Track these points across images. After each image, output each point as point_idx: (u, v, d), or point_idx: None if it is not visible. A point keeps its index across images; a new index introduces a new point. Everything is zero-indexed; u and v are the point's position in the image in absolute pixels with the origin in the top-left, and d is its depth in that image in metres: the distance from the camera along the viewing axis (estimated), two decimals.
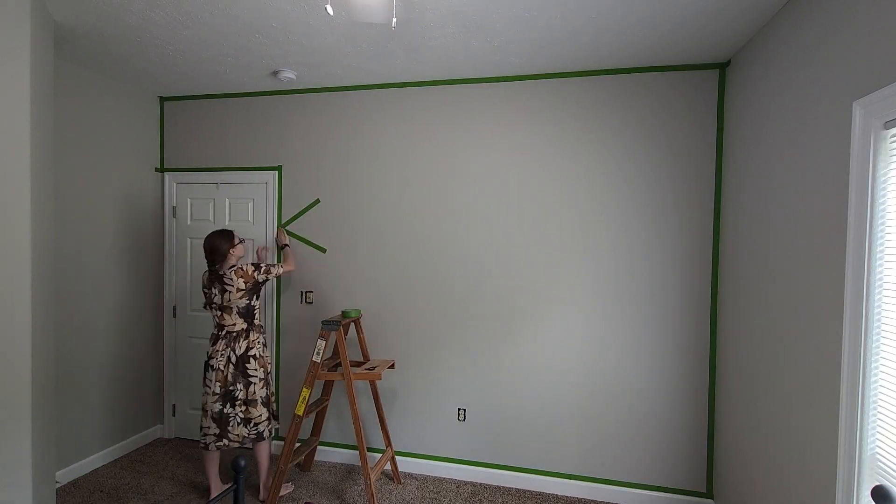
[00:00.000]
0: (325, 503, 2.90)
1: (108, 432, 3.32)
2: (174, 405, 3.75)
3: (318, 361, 2.77)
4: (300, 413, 2.77)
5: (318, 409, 3.10)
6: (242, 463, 1.88)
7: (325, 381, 3.15)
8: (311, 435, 3.22)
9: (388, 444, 3.10)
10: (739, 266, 2.52)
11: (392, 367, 3.06)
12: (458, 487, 3.11)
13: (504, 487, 3.12)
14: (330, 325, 2.77)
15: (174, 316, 3.73)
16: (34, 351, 2.15)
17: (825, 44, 1.81)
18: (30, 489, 2.12)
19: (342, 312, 2.97)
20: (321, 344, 2.79)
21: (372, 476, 2.71)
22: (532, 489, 3.09)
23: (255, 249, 3.46)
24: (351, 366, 2.99)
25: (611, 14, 2.24)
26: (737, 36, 2.43)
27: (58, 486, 2.96)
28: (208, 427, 2.72)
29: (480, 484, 3.16)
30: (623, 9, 2.19)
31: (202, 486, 3.05)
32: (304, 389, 2.78)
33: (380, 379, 2.83)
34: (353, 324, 3.19)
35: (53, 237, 2.41)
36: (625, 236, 2.92)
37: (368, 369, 2.85)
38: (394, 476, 3.14)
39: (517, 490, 3.09)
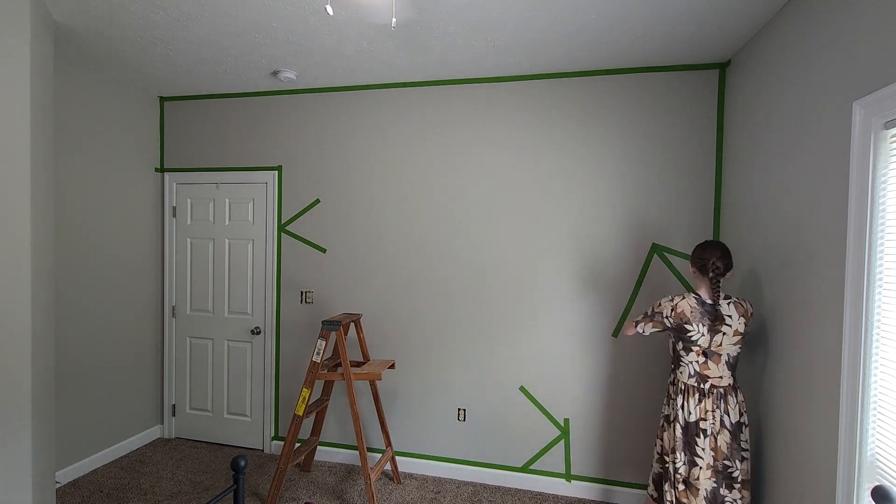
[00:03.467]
0: (325, 503, 2.90)
1: (108, 432, 3.32)
2: (174, 405, 3.75)
3: (318, 361, 2.77)
4: (300, 413, 2.77)
5: (318, 409, 3.10)
6: (242, 463, 1.88)
7: (325, 381, 3.15)
8: (311, 435, 3.22)
9: (388, 444, 3.10)
10: (739, 266, 2.52)
11: (392, 367, 3.06)
12: (458, 487, 3.11)
13: (504, 487, 3.12)
14: (330, 325, 2.77)
15: (174, 316, 3.73)
16: (34, 351, 2.16)
17: (825, 43, 1.81)
18: (30, 489, 2.12)
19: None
20: (321, 344, 2.79)
21: (372, 476, 2.71)
22: (532, 489, 3.09)
23: None
24: (351, 366, 2.99)
25: (610, 14, 2.24)
26: (737, 36, 2.43)
27: (58, 486, 2.96)
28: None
29: (480, 484, 3.16)
30: (623, 9, 2.19)
31: (202, 486, 3.05)
32: (304, 389, 2.78)
33: (380, 379, 2.83)
34: (353, 324, 3.19)
35: (53, 237, 2.41)
36: (625, 236, 2.92)
37: (368, 369, 2.85)
38: (394, 476, 3.14)
39: (517, 490, 3.09)
